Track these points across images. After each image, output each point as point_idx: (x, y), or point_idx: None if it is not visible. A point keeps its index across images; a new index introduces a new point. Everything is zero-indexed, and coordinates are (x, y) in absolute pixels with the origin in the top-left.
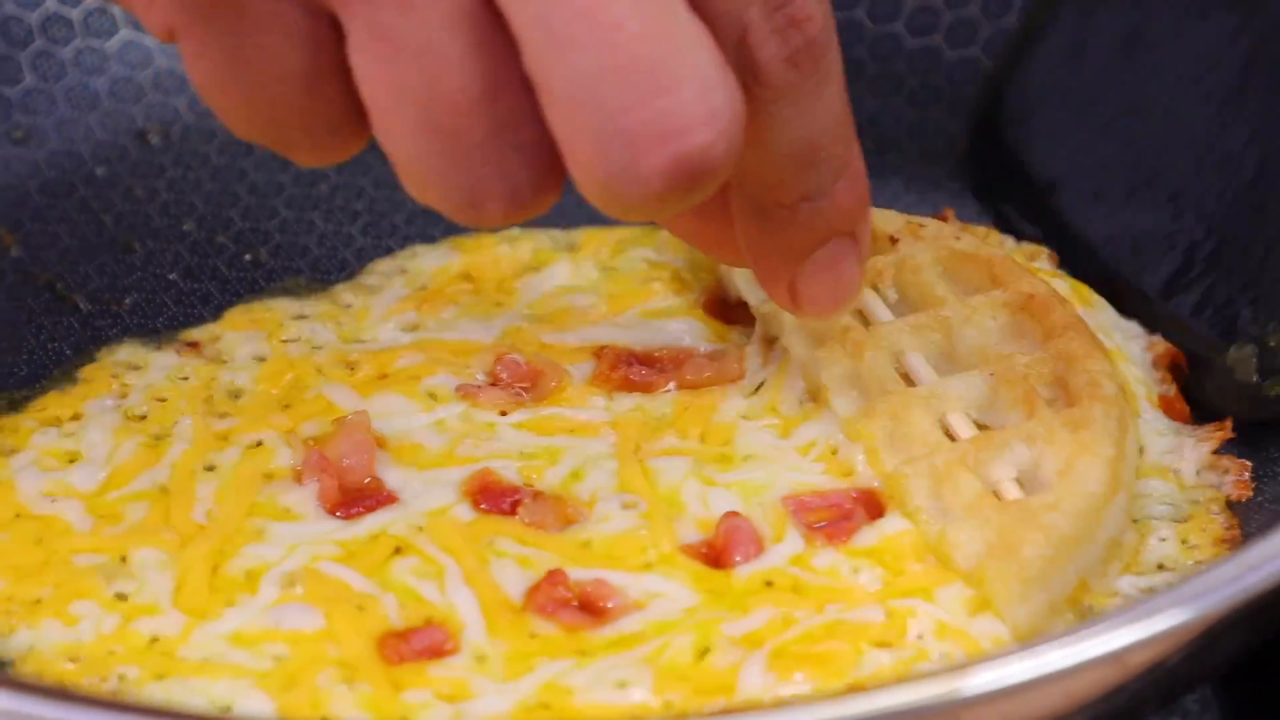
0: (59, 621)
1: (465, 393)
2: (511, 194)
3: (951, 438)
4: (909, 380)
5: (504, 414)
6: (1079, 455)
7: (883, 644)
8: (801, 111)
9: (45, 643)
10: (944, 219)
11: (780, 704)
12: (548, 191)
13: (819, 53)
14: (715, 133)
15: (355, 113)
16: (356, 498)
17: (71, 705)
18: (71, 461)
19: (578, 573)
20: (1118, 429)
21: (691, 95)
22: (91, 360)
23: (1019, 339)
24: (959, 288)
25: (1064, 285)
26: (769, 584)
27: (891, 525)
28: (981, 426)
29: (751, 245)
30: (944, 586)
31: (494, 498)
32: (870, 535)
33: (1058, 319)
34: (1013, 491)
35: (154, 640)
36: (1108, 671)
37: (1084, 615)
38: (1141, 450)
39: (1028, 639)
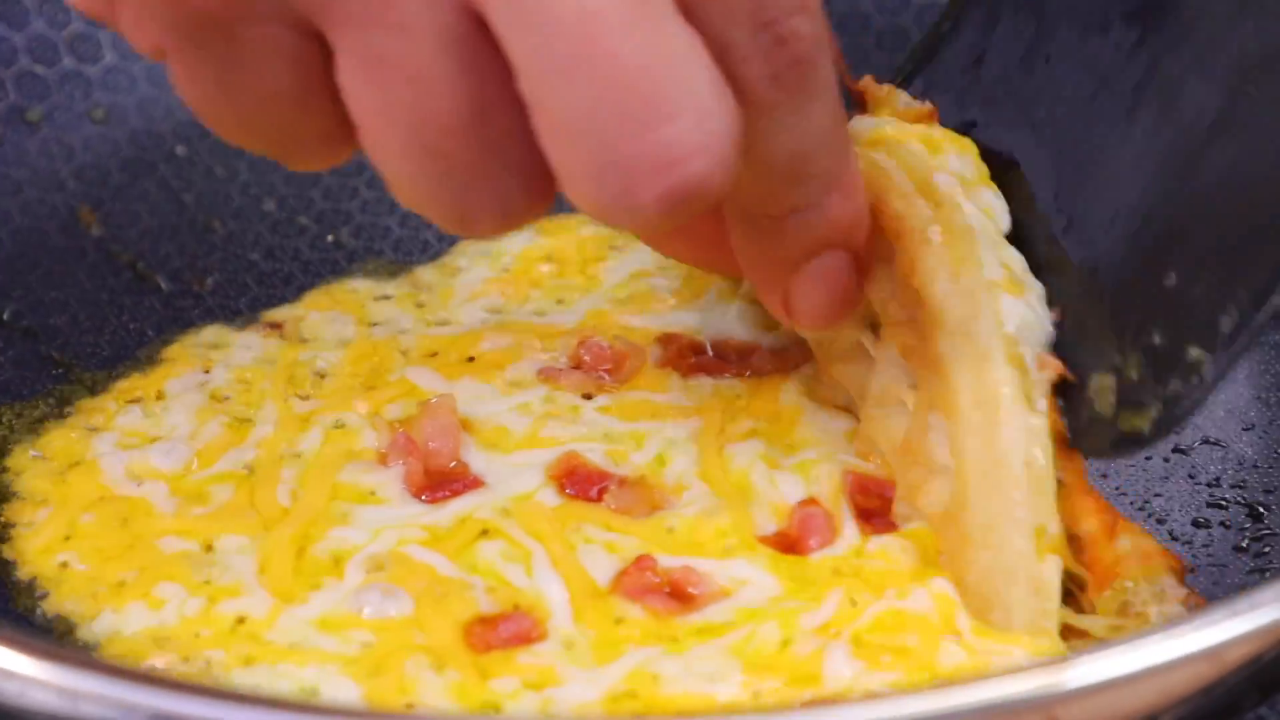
0: (144, 604)
1: (547, 375)
2: (503, 209)
3: None
4: None
5: (588, 397)
6: (949, 420)
7: (946, 632)
8: (787, 127)
9: (131, 626)
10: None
11: (876, 696)
12: (539, 204)
13: (806, 71)
14: (712, 161)
15: (345, 124)
16: (442, 481)
17: (162, 690)
18: (155, 442)
19: (665, 559)
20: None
21: (689, 124)
22: (174, 341)
23: None
24: None
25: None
26: (836, 571)
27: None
28: None
29: (744, 255)
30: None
31: (580, 483)
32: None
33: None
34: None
35: (240, 622)
36: (1205, 667)
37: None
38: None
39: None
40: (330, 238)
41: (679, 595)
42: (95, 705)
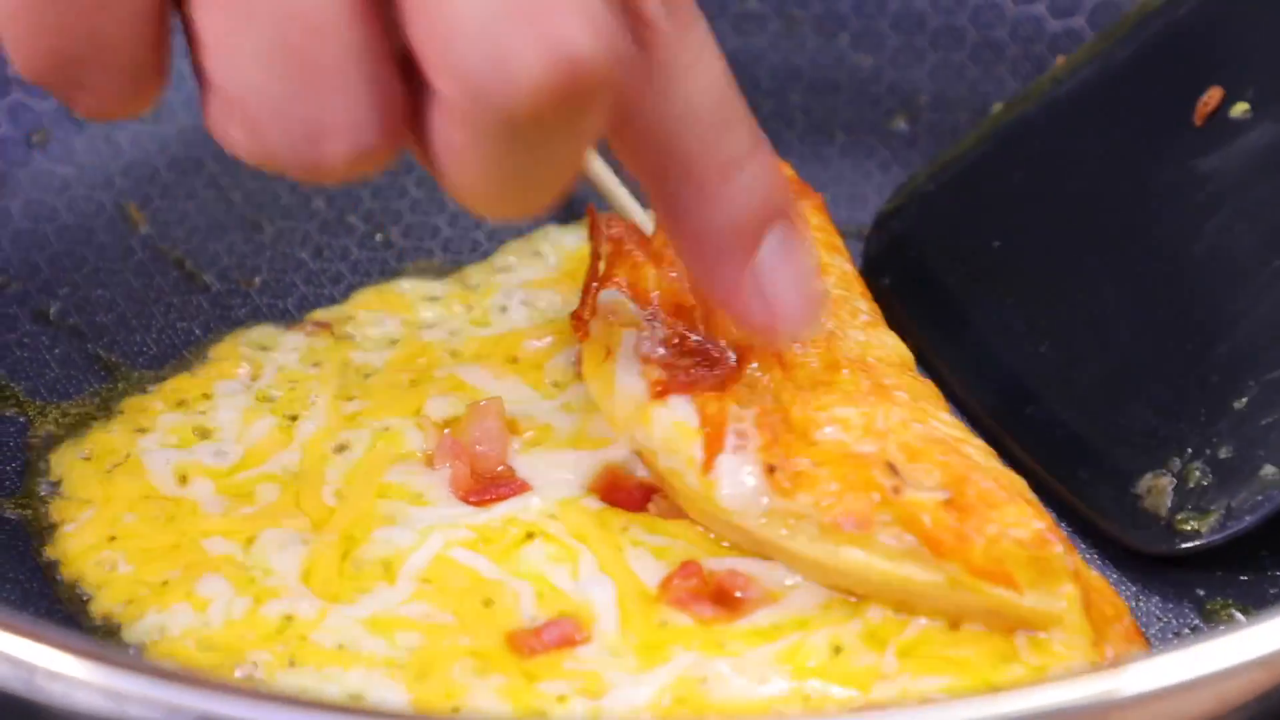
0: (189, 605)
1: None
2: (355, 131)
3: None
4: None
5: None
6: None
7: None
8: (700, 68)
9: (176, 627)
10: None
11: (929, 702)
12: (391, 140)
13: (692, 6)
14: (598, 37)
15: (161, 62)
16: (489, 484)
17: (208, 692)
18: (202, 441)
19: (711, 562)
20: None
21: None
22: (221, 340)
23: None
24: None
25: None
26: None
27: None
28: None
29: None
30: None
31: (623, 495)
32: None
33: None
34: None
35: (287, 623)
36: (1262, 674)
37: None
38: None
39: None
40: (379, 237)
41: (725, 601)
42: (142, 707)
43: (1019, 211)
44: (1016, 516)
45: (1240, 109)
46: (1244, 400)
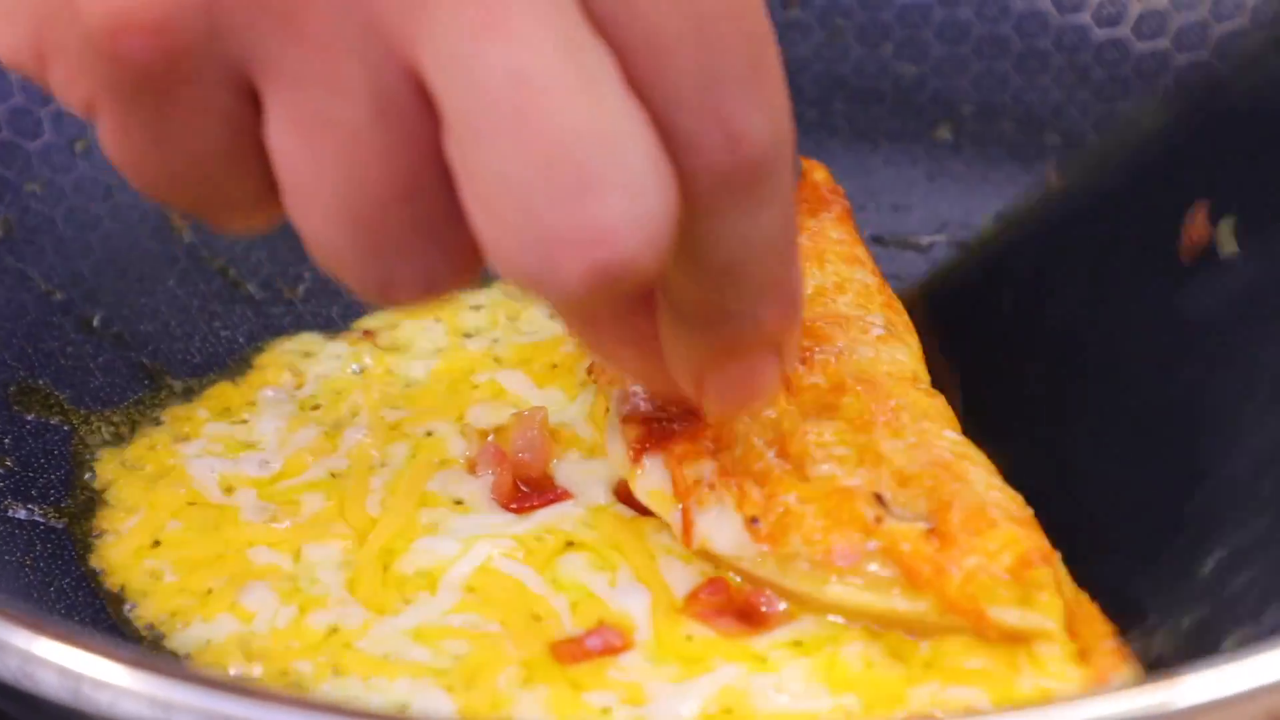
0: (233, 615)
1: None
2: (426, 281)
3: None
4: None
5: None
6: None
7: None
8: (729, 233)
9: (220, 635)
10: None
11: (977, 713)
12: (464, 276)
13: (757, 176)
14: (641, 240)
15: (274, 187)
16: (530, 492)
17: (255, 701)
18: (245, 450)
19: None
20: None
21: (619, 199)
22: (265, 349)
23: None
24: None
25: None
26: None
27: None
28: None
29: (666, 340)
30: None
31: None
32: None
33: None
34: None
35: (333, 631)
36: None
37: None
38: None
39: None
40: None
41: (749, 616)
42: (188, 716)
43: (1003, 339)
44: (1000, 541)
45: (1229, 249)
46: (1209, 565)
